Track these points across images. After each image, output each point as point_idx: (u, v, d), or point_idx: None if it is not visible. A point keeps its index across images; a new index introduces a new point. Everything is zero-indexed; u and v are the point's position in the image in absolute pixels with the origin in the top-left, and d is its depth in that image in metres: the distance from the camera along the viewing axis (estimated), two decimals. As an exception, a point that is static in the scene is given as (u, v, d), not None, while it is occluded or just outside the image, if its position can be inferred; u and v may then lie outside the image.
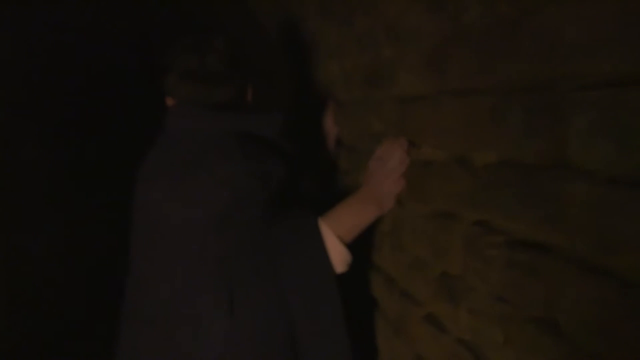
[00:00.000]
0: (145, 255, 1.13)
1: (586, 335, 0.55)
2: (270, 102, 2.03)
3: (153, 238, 1.11)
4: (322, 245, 1.06)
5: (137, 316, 1.15)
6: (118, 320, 1.21)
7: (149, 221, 1.12)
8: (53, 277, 2.95)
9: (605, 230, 0.51)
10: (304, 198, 1.31)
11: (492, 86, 0.67)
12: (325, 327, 1.06)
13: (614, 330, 0.52)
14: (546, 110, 0.59)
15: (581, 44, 0.53)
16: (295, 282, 1.05)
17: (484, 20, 0.67)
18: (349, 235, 1.07)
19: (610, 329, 0.52)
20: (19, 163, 2.63)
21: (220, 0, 2.33)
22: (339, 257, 1.06)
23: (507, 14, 0.62)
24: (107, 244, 3.29)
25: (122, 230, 1.28)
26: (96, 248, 3.40)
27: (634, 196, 0.48)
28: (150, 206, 1.12)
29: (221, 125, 1.12)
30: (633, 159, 0.48)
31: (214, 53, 1.16)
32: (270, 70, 2.05)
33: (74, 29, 2.48)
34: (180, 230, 1.06)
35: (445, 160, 0.82)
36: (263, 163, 1.06)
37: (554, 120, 0.57)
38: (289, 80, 2.02)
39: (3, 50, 2.28)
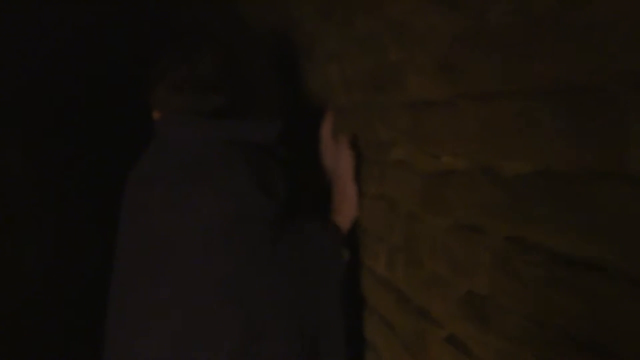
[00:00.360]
0: (139, 260, 1.09)
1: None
2: (260, 109, 1.96)
3: (150, 244, 1.07)
4: (337, 251, 1.15)
5: (132, 321, 1.10)
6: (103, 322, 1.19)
7: (145, 226, 1.07)
8: (45, 286, 2.87)
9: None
10: (303, 206, 1.29)
11: (526, 88, 0.61)
12: (329, 331, 1.13)
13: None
14: (594, 114, 0.53)
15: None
16: (306, 289, 1.11)
17: (514, 17, 0.61)
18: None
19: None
20: (6, 170, 2.54)
21: (208, 4, 2.26)
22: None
23: (545, 10, 0.56)
24: (100, 251, 3.21)
25: (114, 237, 1.24)
26: (89, 256, 3.32)
27: None
28: (147, 212, 1.08)
29: (218, 132, 1.11)
30: None
31: (202, 62, 1.15)
32: (259, 76, 1.98)
33: (63, 34, 2.40)
34: (180, 240, 1.04)
35: (468, 169, 0.75)
36: (268, 175, 1.06)
37: (605, 125, 0.51)
38: (280, 86, 1.95)
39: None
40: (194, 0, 2.47)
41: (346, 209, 1.21)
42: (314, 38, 1.49)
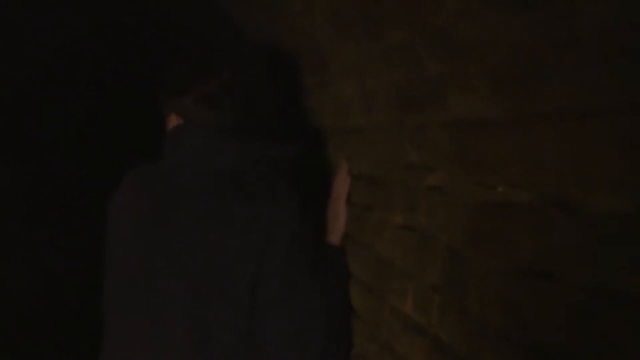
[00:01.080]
0: (177, 271, 1.06)
1: None
2: (269, 126, 1.85)
3: (197, 257, 1.05)
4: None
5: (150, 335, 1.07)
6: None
7: (190, 236, 1.05)
8: (29, 305, 2.75)
9: None
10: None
11: (635, 104, 0.50)
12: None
13: None
14: None
15: None
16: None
17: (623, 17, 0.50)
18: None
19: None
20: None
21: (204, 15, 2.16)
22: None
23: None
24: (86, 269, 3.07)
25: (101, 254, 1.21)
26: (74, 273, 3.18)
27: None
28: (192, 224, 1.06)
29: (248, 150, 1.13)
30: None
31: (229, 76, 1.16)
32: (266, 90, 1.86)
33: (57, 45, 2.30)
34: (236, 255, 1.04)
35: (535, 202, 0.64)
36: (309, 207, 1.13)
37: None
38: (284, 101, 1.84)
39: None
40: (189, 12, 2.38)
41: (337, 230, 1.30)
42: (325, 51, 1.38)
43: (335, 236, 1.30)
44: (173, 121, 1.17)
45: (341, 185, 1.29)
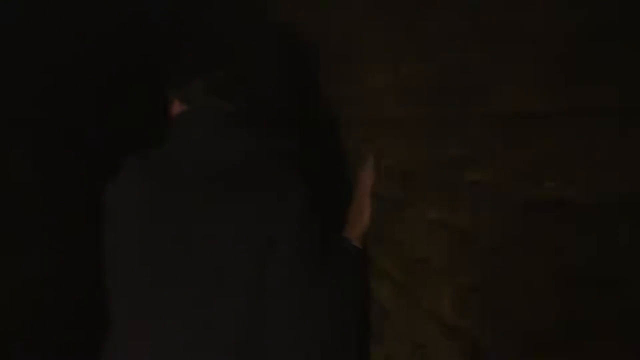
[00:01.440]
0: (174, 265, 1.05)
1: None
2: (280, 114, 1.83)
3: (198, 248, 1.03)
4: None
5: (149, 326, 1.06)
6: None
7: (200, 256, 1.03)
8: (29, 305, 2.76)
9: None
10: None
11: None
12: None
13: None
14: None
15: None
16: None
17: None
18: None
19: None
20: (9, 183, 2.45)
21: (235, 6, 2.14)
22: None
23: None
24: (86, 269, 3.10)
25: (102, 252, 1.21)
26: (74, 273, 3.20)
27: None
28: (192, 216, 1.05)
29: (252, 145, 1.11)
30: None
31: (240, 67, 1.17)
32: (282, 78, 1.84)
33: (75, 42, 2.31)
34: (237, 248, 1.02)
35: (590, 202, 0.59)
36: (320, 201, 1.09)
37: None
38: (301, 91, 1.81)
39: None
40: (200, 5, 2.38)
41: (361, 225, 1.26)
42: (356, 39, 1.35)
43: (357, 231, 1.27)
44: (178, 108, 1.16)
45: (368, 179, 1.26)
